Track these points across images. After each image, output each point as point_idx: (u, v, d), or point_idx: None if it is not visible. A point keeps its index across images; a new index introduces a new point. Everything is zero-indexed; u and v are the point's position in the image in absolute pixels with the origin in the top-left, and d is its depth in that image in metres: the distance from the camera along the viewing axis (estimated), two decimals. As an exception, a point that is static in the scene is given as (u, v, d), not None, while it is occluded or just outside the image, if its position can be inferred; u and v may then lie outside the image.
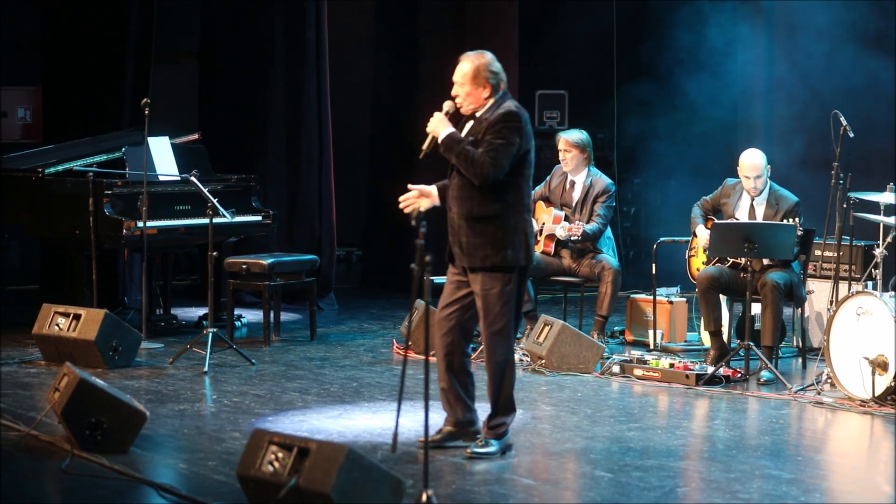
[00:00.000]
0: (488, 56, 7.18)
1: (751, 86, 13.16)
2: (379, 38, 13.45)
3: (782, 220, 9.35)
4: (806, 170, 11.80)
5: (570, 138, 10.40)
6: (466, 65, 7.15)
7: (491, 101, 7.13)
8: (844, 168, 9.14)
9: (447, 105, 7.21)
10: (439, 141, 7.13)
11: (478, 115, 7.16)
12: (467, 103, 7.16)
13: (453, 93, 7.20)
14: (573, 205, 10.34)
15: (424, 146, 7.19)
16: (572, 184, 10.41)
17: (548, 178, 10.57)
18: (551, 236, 10.31)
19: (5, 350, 9.80)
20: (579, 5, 14.36)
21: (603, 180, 10.38)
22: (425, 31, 12.92)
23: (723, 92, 12.85)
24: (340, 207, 12.67)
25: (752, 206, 9.61)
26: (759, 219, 9.51)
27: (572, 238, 10.14)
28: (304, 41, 12.26)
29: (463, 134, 7.17)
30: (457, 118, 7.25)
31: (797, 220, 9.31)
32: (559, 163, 10.44)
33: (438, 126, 7.14)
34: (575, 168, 10.37)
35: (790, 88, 12.67)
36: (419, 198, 7.29)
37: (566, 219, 10.28)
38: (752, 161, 9.58)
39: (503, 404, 7.17)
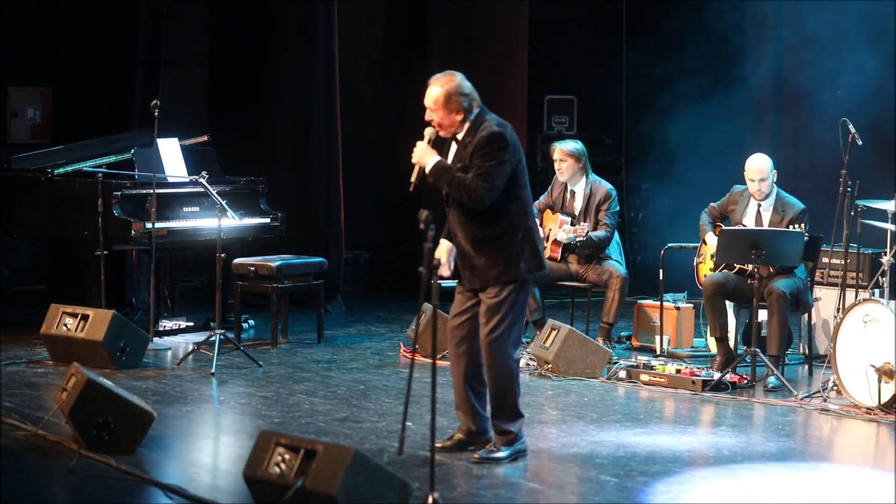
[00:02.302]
0: (458, 78, 7.04)
1: (761, 94, 13.15)
2: (388, 41, 13.47)
3: (788, 227, 9.36)
4: (814, 178, 11.79)
5: (564, 148, 10.37)
6: (436, 90, 7.00)
7: (467, 124, 7.01)
8: (853, 175, 9.14)
9: (429, 132, 7.07)
10: (427, 171, 7.00)
11: (459, 137, 7.04)
12: (443, 128, 7.04)
13: (427, 117, 7.06)
14: (576, 214, 10.34)
15: (413, 178, 7.04)
16: (573, 193, 10.40)
17: (549, 187, 10.57)
18: (557, 241, 10.31)
19: (13, 350, 9.83)
20: (589, 10, 14.36)
21: (603, 186, 10.37)
22: (435, 35, 12.92)
23: (733, 100, 12.85)
24: (348, 210, 12.69)
25: (758, 212, 9.62)
26: (766, 225, 9.52)
27: (577, 240, 10.14)
28: (314, 44, 12.27)
29: (449, 158, 7.06)
30: (440, 140, 7.11)
31: (803, 226, 9.31)
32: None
33: (424, 156, 7.01)
34: (571, 177, 10.36)
35: (801, 97, 12.66)
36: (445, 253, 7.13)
37: (571, 223, 10.28)
38: (758, 165, 9.60)
39: (508, 412, 7.12)
